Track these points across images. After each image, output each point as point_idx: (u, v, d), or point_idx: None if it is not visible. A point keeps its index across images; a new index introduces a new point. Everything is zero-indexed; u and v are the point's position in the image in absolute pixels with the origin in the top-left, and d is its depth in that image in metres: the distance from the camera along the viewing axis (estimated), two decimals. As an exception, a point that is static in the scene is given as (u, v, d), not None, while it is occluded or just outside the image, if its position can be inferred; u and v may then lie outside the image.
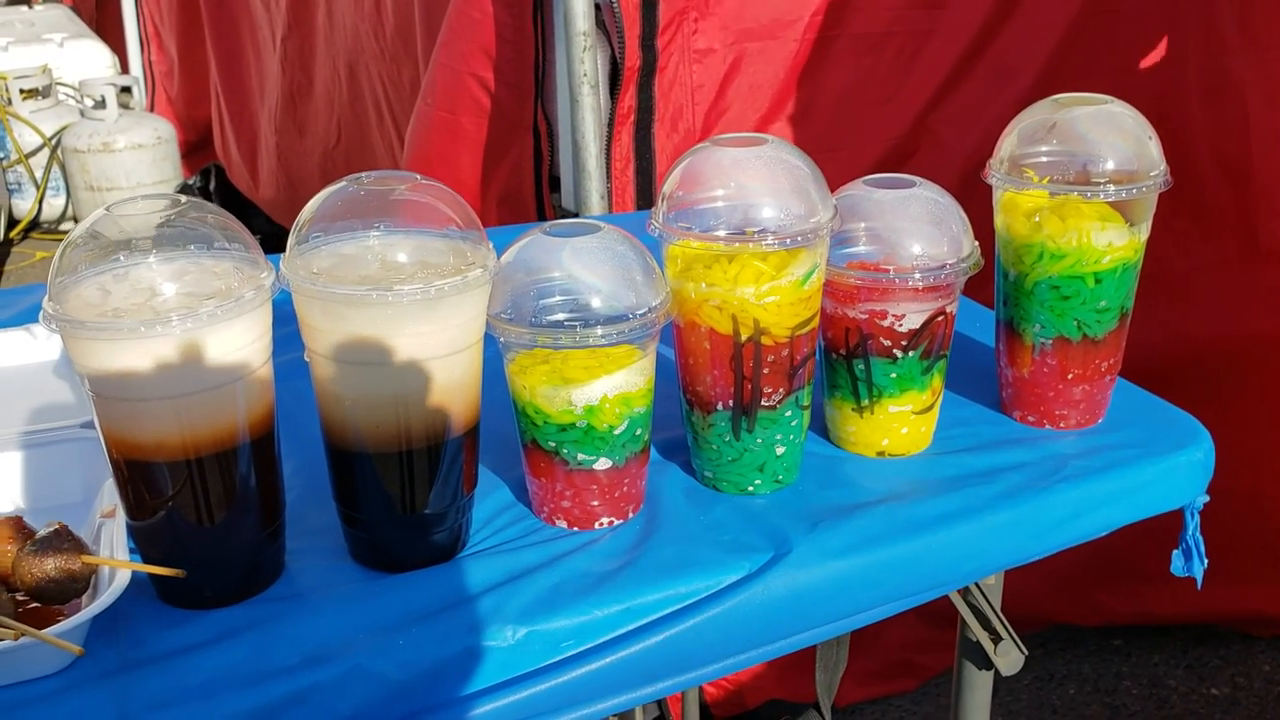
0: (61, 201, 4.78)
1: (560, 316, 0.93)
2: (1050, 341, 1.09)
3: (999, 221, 1.11)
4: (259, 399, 0.88)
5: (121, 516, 0.91)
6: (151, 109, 4.95)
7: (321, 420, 0.92)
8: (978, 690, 1.25)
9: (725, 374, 0.99)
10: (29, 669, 0.81)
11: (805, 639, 0.99)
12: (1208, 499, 1.13)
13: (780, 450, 1.02)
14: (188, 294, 0.84)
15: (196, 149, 4.84)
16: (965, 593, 1.17)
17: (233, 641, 0.86)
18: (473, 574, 0.93)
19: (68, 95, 4.96)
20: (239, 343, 0.85)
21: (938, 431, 1.11)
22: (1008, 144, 1.09)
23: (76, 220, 4.81)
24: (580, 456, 0.96)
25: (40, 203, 4.77)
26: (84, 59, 5.10)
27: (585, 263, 0.94)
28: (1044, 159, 1.07)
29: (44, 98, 4.79)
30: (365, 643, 0.85)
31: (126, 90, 4.85)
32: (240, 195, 4.36)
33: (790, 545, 0.96)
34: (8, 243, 4.69)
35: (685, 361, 1.02)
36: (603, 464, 0.97)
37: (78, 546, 0.86)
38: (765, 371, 0.98)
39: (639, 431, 0.98)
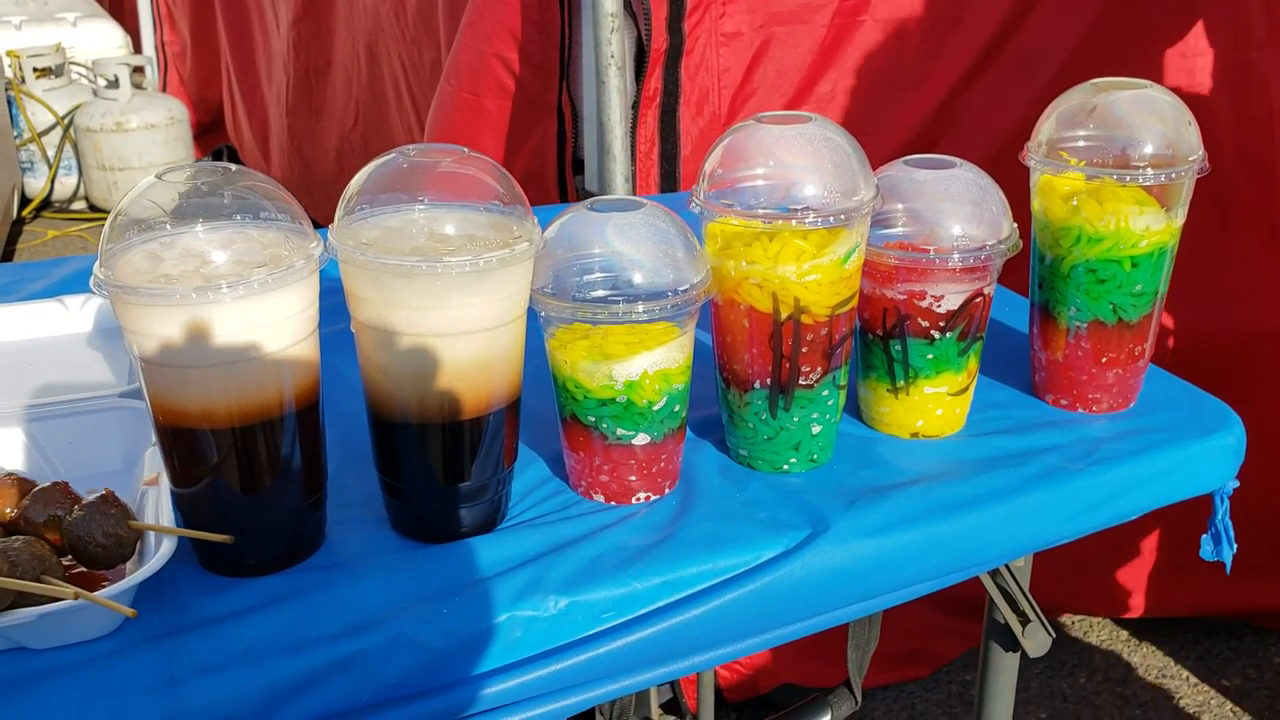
0: (73, 180, 4.79)
1: (602, 292, 0.94)
2: (1085, 325, 1.10)
3: (1036, 204, 1.11)
4: (305, 369, 0.89)
5: (165, 484, 0.91)
6: (164, 89, 4.95)
7: (366, 391, 0.93)
8: (1004, 672, 1.26)
9: (764, 352, 0.99)
10: (79, 631, 0.82)
11: (840, 616, 1.00)
12: (1237, 484, 1.13)
13: (816, 429, 1.03)
14: (237, 262, 0.84)
15: (208, 130, 4.84)
16: (994, 574, 1.17)
17: (277, 609, 0.86)
18: (513, 545, 0.94)
19: (80, 74, 4.96)
20: (288, 311, 0.85)
21: (970, 414, 1.12)
22: (1046, 127, 1.09)
23: (88, 200, 4.81)
24: (619, 431, 0.97)
25: (52, 182, 4.77)
26: (96, 38, 5.11)
27: (628, 238, 0.94)
28: (1082, 143, 1.07)
29: (57, 76, 4.80)
30: (408, 611, 0.86)
31: (139, 70, 4.85)
32: (253, 177, 4.35)
33: (827, 523, 0.97)
34: (20, 221, 4.70)
35: (723, 339, 1.02)
36: (641, 439, 0.97)
37: (125, 512, 0.86)
38: (804, 350, 0.99)
39: (677, 408, 0.98)
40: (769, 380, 1.00)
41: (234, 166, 0.88)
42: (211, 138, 4.80)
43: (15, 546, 0.80)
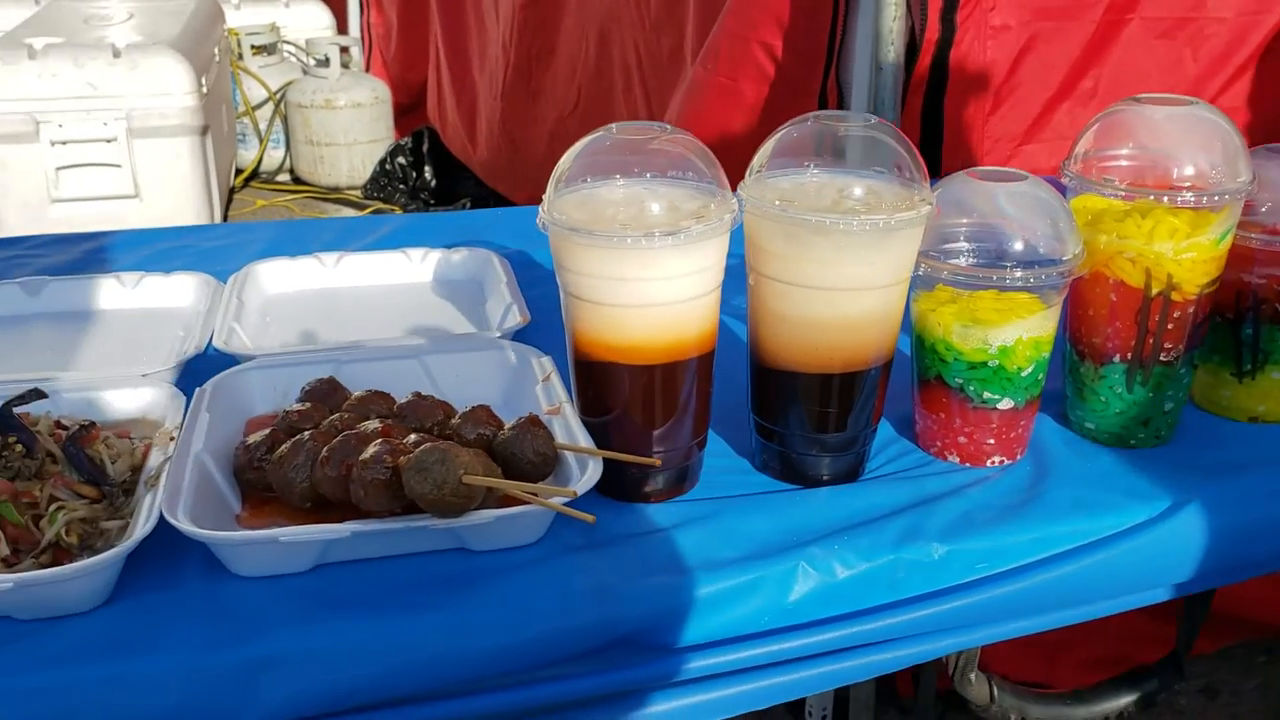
0: (281, 154, 5.04)
1: (983, 259, 0.98)
2: None
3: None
4: (711, 317, 0.95)
5: (567, 413, 0.99)
6: (367, 69, 5.17)
7: (755, 340, 0.99)
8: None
9: (1127, 327, 1.02)
10: (514, 538, 0.90)
11: (1187, 588, 1.02)
12: None
13: (1168, 407, 1.05)
14: (671, 212, 0.91)
15: (408, 110, 5.04)
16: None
17: (681, 532, 0.93)
18: (883, 495, 0.99)
19: (290, 53, 5.22)
20: (709, 261, 0.92)
21: (1307, 401, 1.12)
22: None
23: (293, 172, 5.07)
24: (985, 395, 1.01)
25: (262, 154, 5.04)
26: (305, 19, 5.36)
27: (1016, 207, 0.98)
28: None
29: (270, 54, 5.06)
30: (806, 544, 0.92)
31: (346, 50, 5.08)
32: (450, 159, 4.55)
33: (1185, 497, 0.99)
34: (230, 190, 4.97)
35: (1083, 313, 1.05)
36: (1005, 404, 1.01)
37: (550, 434, 0.95)
38: (1169, 327, 1.01)
39: (1040, 376, 1.02)
40: (1129, 355, 1.03)
41: (668, 126, 0.95)
42: (410, 118, 4.99)
43: (470, 459, 0.88)
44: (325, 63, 4.84)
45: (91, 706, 0.78)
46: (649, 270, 0.89)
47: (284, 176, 5.12)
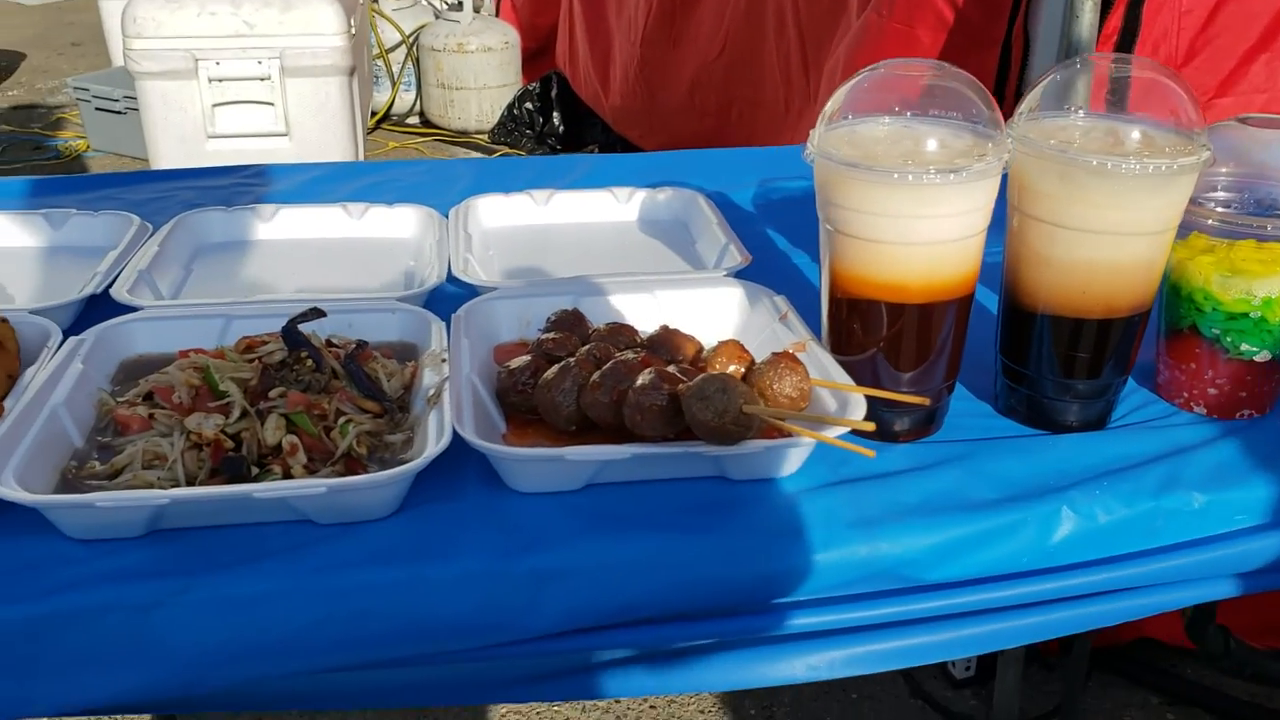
0: (411, 96, 5.12)
1: (1242, 208, 0.96)
2: None
3: None
4: (974, 260, 0.95)
5: (814, 349, 1.00)
6: (497, 14, 5.20)
7: (1012, 282, 0.99)
8: None
9: (1395, 282, 0.99)
10: (770, 469, 0.92)
11: None
12: None
13: None
14: (945, 150, 0.91)
15: (535, 55, 5.06)
16: None
17: (933, 472, 0.94)
18: (1134, 444, 0.98)
19: (422, -2, 5.28)
20: (979, 202, 0.92)
21: None
22: None
23: (422, 115, 5.14)
24: (1243, 346, 0.99)
25: (394, 96, 5.11)
26: (436, -36, 5.41)
27: (1290, 156, 0.96)
28: None
29: (404, -2, 5.12)
30: (1062, 487, 0.92)
31: (478, -5, 5.11)
32: (577, 105, 4.56)
33: None
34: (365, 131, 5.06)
35: (1345, 267, 1.03)
36: (1263, 356, 1.00)
37: (805, 371, 0.96)
38: None
39: (1299, 329, 1.00)
40: (1394, 311, 1.00)
41: (945, 65, 0.95)
42: (538, 64, 5.01)
43: (748, 390, 0.89)
44: (458, 7, 4.88)
45: (392, 606, 0.82)
46: (923, 207, 0.90)
47: (414, 119, 5.20)
